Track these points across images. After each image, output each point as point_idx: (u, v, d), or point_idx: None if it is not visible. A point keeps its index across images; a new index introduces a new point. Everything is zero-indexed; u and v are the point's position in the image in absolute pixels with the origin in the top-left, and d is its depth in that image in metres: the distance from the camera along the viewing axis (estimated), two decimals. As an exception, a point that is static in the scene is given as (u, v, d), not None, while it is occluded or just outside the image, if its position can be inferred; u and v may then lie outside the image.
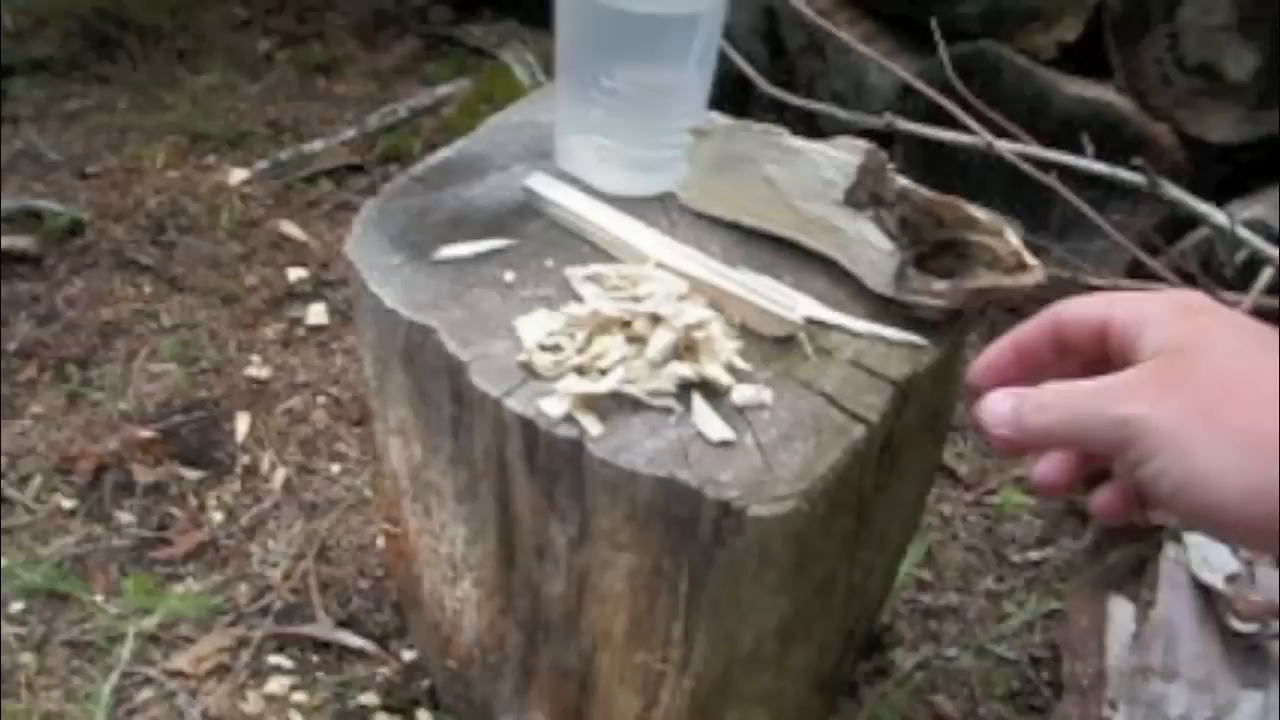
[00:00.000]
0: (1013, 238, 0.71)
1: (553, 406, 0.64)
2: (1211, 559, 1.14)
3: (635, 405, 0.65)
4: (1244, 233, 1.18)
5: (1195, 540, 1.17)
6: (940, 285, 0.71)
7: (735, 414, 0.65)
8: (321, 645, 1.11)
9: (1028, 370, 0.52)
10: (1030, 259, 0.70)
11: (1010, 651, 1.14)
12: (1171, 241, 1.40)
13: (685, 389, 0.66)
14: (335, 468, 1.31)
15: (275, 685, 1.08)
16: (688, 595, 0.67)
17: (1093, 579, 1.17)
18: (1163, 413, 0.47)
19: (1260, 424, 0.46)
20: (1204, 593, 1.13)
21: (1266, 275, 1.25)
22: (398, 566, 0.96)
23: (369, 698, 1.07)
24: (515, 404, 0.65)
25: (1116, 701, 1.05)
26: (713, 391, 0.66)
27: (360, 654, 1.11)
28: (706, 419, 0.64)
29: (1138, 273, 1.36)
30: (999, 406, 0.50)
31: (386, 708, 1.06)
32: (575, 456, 0.63)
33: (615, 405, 0.65)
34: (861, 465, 0.68)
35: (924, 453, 0.85)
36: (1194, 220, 1.30)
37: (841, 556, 0.72)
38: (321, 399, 1.40)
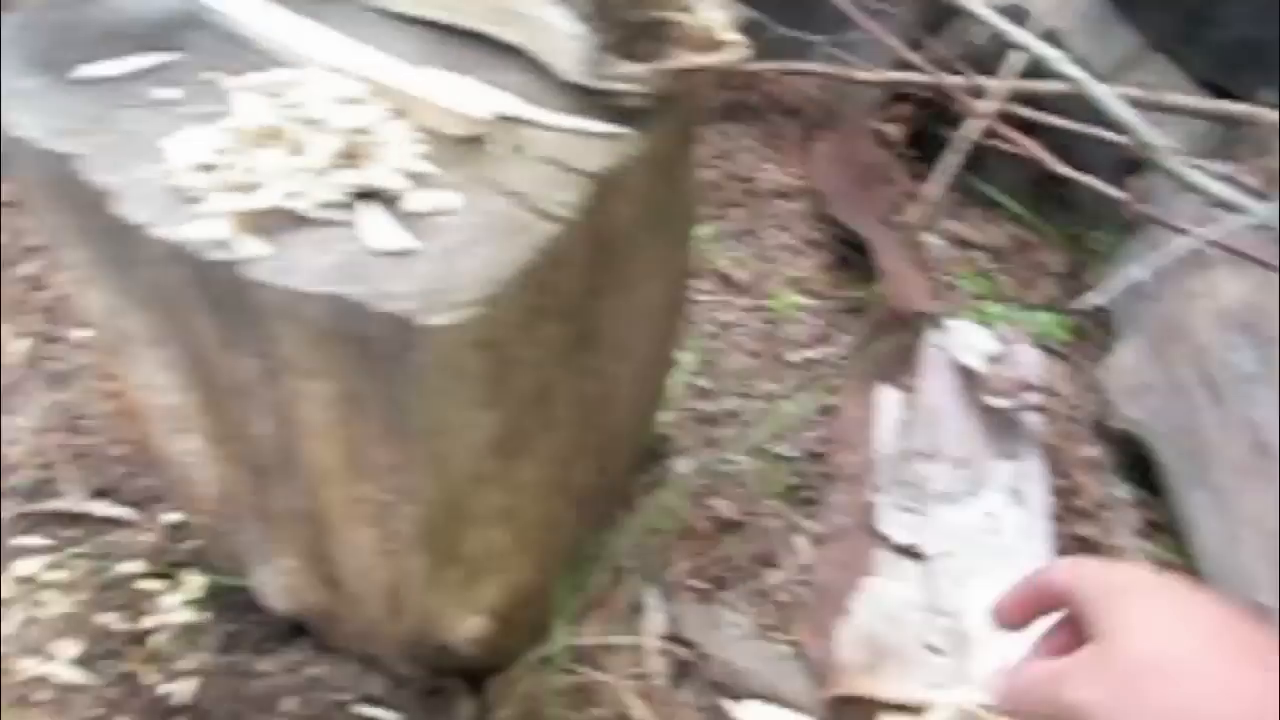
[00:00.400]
0: (709, 14, 0.67)
1: (207, 230, 0.58)
2: (971, 340, 1.17)
3: (302, 221, 0.60)
4: (991, 16, 1.17)
5: (957, 325, 1.20)
6: (635, 69, 0.66)
7: (416, 221, 0.61)
8: (75, 519, 1.05)
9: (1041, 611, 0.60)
10: (727, 36, 0.67)
11: (787, 450, 1.17)
12: (934, 33, 1.40)
13: (362, 199, 0.61)
14: (82, 334, 1.22)
15: (26, 567, 1.01)
16: (388, 419, 0.63)
17: (862, 371, 1.19)
18: (1097, 697, 0.54)
19: (1171, 703, 0.53)
20: (965, 375, 1.17)
21: (1017, 59, 1.25)
22: (127, 425, 0.90)
23: (131, 566, 1.02)
24: (168, 231, 0.59)
25: (882, 486, 1.09)
26: (386, 199, 0.61)
27: (118, 523, 1.05)
28: (376, 229, 0.59)
29: (902, 65, 1.35)
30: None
31: (151, 574, 1.02)
32: (241, 282, 0.58)
33: (281, 223, 0.59)
34: (565, 267, 0.65)
35: (660, 255, 0.83)
36: (953, 9, 1.29)
37: (559, 365, 0.70)
38: (61, 263, 1.29)
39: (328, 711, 0.95)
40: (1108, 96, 1.02)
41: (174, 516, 1.05)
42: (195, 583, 1.01)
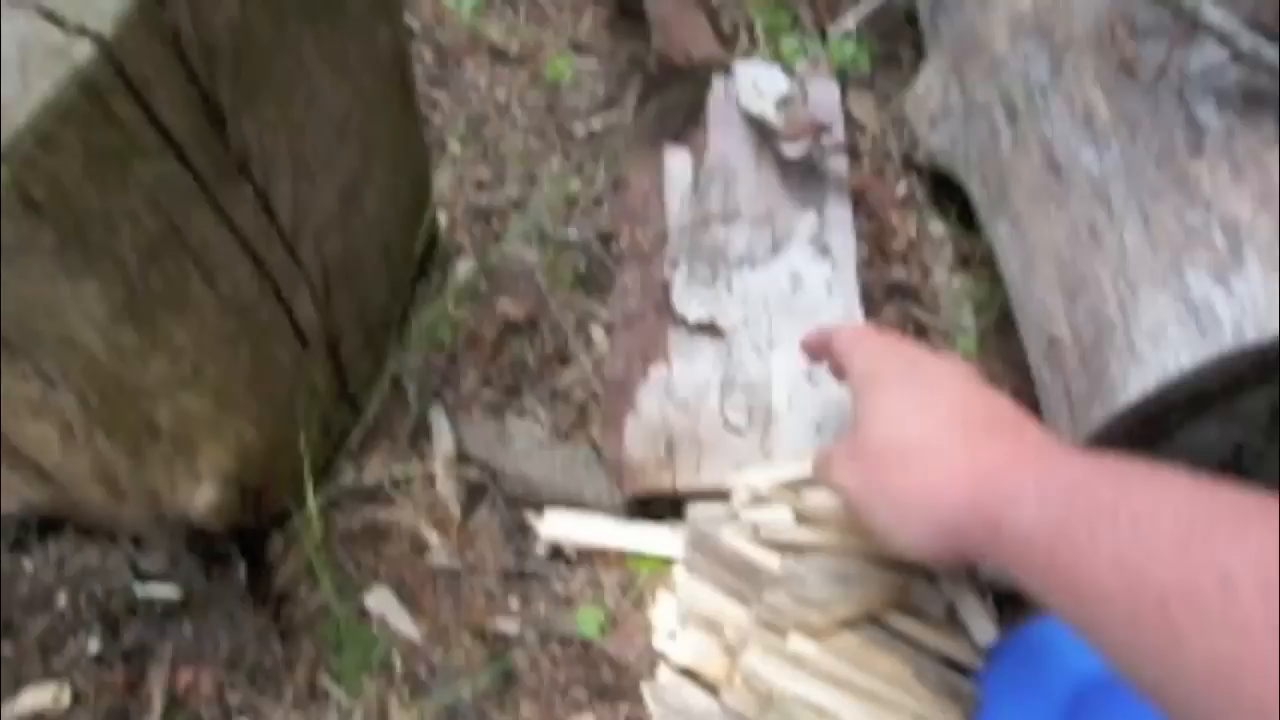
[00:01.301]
0: None
1: None
2: (762, 84, 1.06)
3: None
4: None
5: (744, 69, 1.09)
6: None
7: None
8: None
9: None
10: None
11: (577, 234, 1.07)
12: None
13: None
14: None
15: None
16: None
17: (647, 134, 1.08)
18: (850, 483, 0.65)
19: (904, 485, 0.61)
20: (756, 125, 1.06)
21: None
22: None
23: None
24: None
25: (677, 259, 1.01)
26: None
27: None
28: None
29: None
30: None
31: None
32: None
33: None
34: (144, 89, 0.52)
35: (334, 46, 0.70)
36: None
37: (178, 212, 0.58)
38: None
39: (105, 599, 0.89)
40: None
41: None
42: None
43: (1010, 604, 0.87)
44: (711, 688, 0.82)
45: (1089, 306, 0.79)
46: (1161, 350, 0.72)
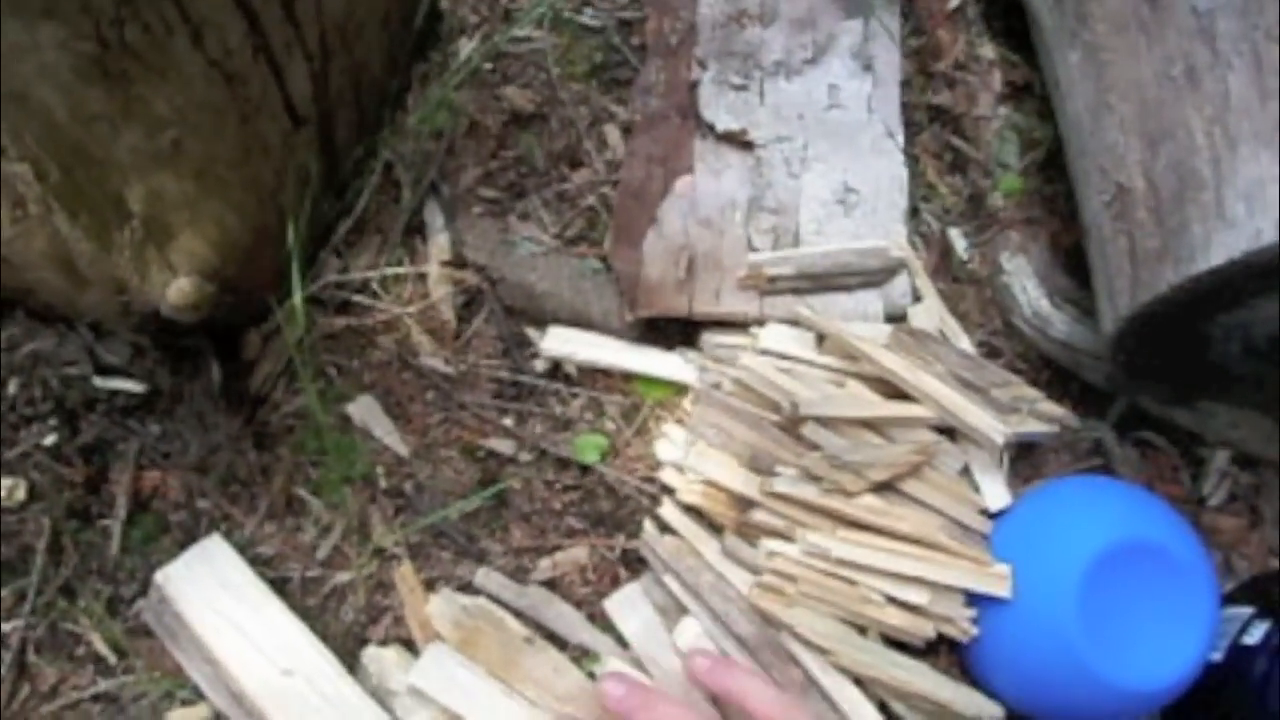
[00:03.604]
0: None
1: None
2: None
3: None
4: None
5: None
6: None
7: None
8: None
9: None
10: None
11: (595, 19, 0.95)
12: None
13: None
14: None
15: None
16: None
17: (683, -89, 0.95)
18: None
19: None
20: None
21: None
22: None
23: None
24: None
25: (706, 59, 0.90)
26: None
27: None
28: None
29: None
30: None
31: None
32: None
33: None
34: None
35: None
36: None
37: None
38: None
39: (62, 389, 0.81)
40: None
41: None
42: None
43: (1023, 464, 0.84)
44: (715, 528, 0.78)
45: (1173, 157, 0.72)
46: (1256, 214, 0.65)
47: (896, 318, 0.84)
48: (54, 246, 0.62)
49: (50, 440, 0.81)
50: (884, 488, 0.74)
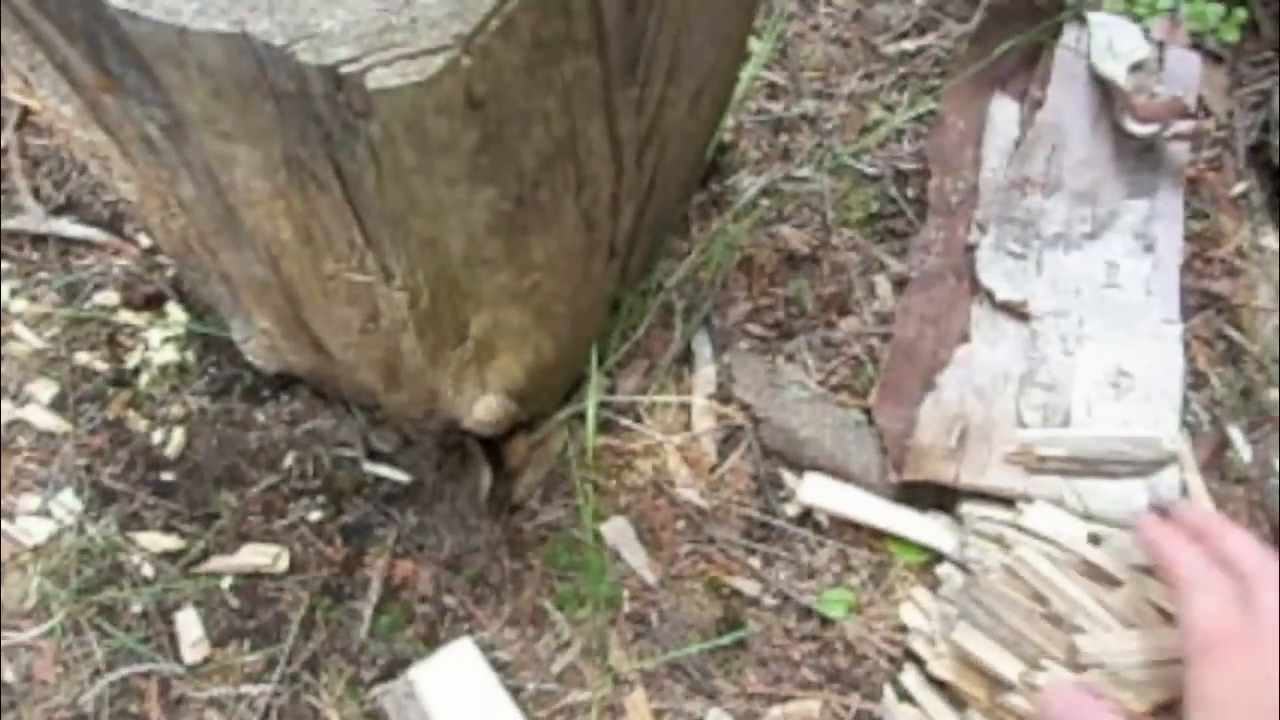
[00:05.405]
0: None
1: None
2: (1117, 42, 0.93)
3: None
4: None
5: (1101, 20, 0.96)
6: None
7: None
8: (38, 240, 0.91)
9: None
10: None
11: (873, 167, 0.97)
12: None
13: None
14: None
15: (-12, 292, 0.89)
16: (345, 195, 0.46)
17: (975, 74, 0.96)
18: None
19: None
20: (1101, 89, 0.94)
21: None
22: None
23: (106, 296, 0.89)
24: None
25: (986, 223, 0.90)
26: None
27: (89, 245, 0.91)
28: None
29: None
30: None
31: (129, 304, 0.89)
32: (95, 8, 0.39)
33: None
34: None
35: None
36: None
37: (581, 113, 0.50)
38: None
39: (332, 468, 0.85)
40: None
41: (147, 240, 0.91)
42: (177, 318, 0.88)
43: None
44: (958, 703, 0.76)
45: None
46: None
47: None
48: (388, 356, 0.65)
49: (315, 516, 0.85)
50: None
